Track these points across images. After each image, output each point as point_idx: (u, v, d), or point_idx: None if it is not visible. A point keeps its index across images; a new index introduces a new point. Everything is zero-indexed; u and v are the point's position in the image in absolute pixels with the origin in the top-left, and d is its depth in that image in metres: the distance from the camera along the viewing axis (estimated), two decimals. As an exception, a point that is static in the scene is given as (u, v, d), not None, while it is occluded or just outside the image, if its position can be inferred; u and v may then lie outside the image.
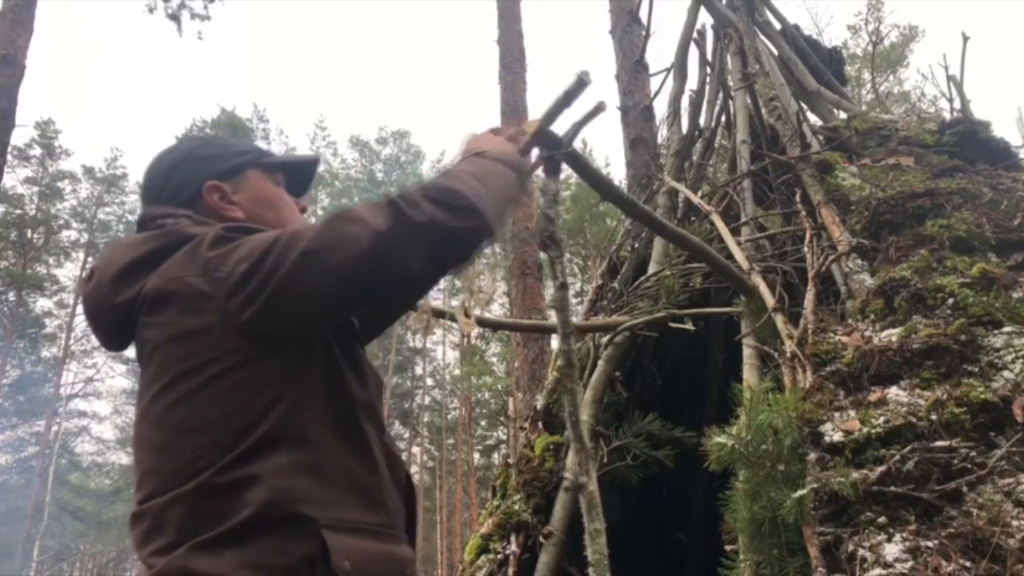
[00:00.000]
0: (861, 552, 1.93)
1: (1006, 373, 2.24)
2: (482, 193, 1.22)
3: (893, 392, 2.31)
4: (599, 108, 1.79)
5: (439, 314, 2.70)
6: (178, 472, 1.11)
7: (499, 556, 3.12)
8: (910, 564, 1.86)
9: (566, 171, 2.04)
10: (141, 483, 1.16)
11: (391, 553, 1.19)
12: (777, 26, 4.95)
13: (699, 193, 4.26)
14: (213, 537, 1.05)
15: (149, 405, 1.18)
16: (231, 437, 1.11)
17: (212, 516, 1.07)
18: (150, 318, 1.19)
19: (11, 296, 28.99)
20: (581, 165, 2.11)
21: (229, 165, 1.42)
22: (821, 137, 3.92)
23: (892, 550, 1.90)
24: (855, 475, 2.06)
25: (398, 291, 1.18)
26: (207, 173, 1.40)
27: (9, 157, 12.14)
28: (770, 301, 2.92)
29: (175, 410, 1.14)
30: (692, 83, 5.10)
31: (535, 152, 1.76)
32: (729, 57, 4.71)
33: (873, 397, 2.31)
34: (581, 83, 1.67)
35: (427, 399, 34.64)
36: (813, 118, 4.49)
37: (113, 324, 1.27)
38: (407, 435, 32.83)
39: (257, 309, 1.11)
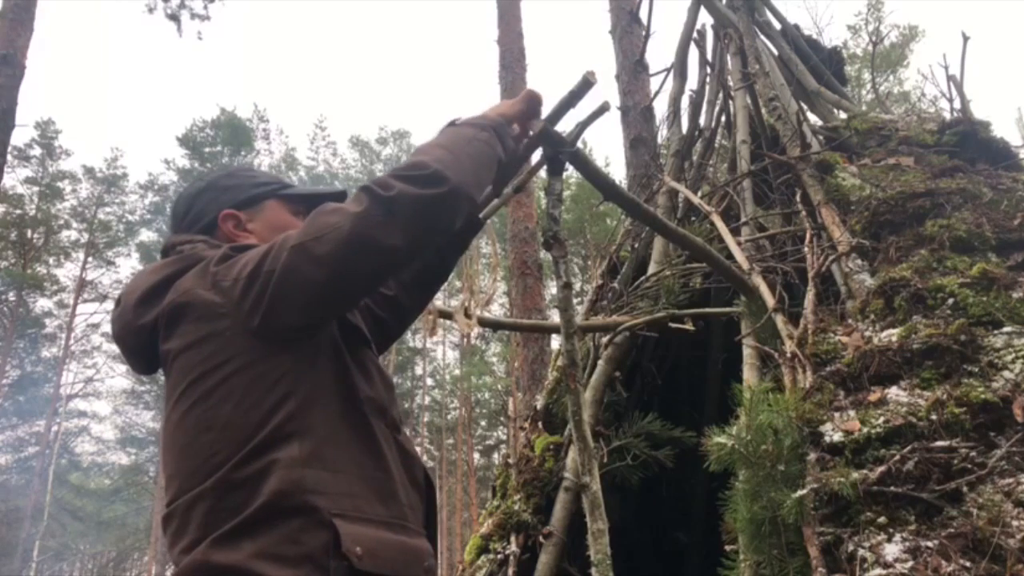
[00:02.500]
0: (861, 552, 1.93)
1: (1006, 373, 2.24)
2: (447, 159, 1.29)
3: (893, 392, 2.31)
4: (603, 108, 1.79)
5: (443, 315, 2.70)
6: (198, 470, 1.16)
7: (499, 556, 3.13)
8: (910, 564, 1.86)
9: (566, 171, 2.03)
10: (168, 486, 1.22)
11: (404, 543, 1.22)
12: (777, 26, 4.95)
13: (699, 193, 4.26)
14: (230, 529, 1.10)
15: (172, 410, 1.24)
16: (245, 432, 1.16)
17: (231, 510, 1.11)
18: (168, 331, 1.26)
19: (11, 296, 28.96)
20: (585, 165, 2.11)
21: (247, 195, 1.50)
22: (821, 137, 3.92)
23: (892, 550, 1.91)
24: (855, 475, 2.06)
25: (387, 265, 1.24)
26: (225, 202, 1.48)
27: (9, 157, 12.14)
28: (770, 301, 2.93)
29: (193, 411, 1.20)
30: (692, 83, 5.10)
31: (538, 152, 1.76)
32: (729, 57, 4.71)
33: (873, 397, 2.31)
34: (587, 83, 1.67)
35: (427, 399, 34.64)
36: (813, 118, 4.49)
37: (138, 346, 1.34)
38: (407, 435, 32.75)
39: (264, 312, 1.18)
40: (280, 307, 1.18)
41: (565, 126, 1.76)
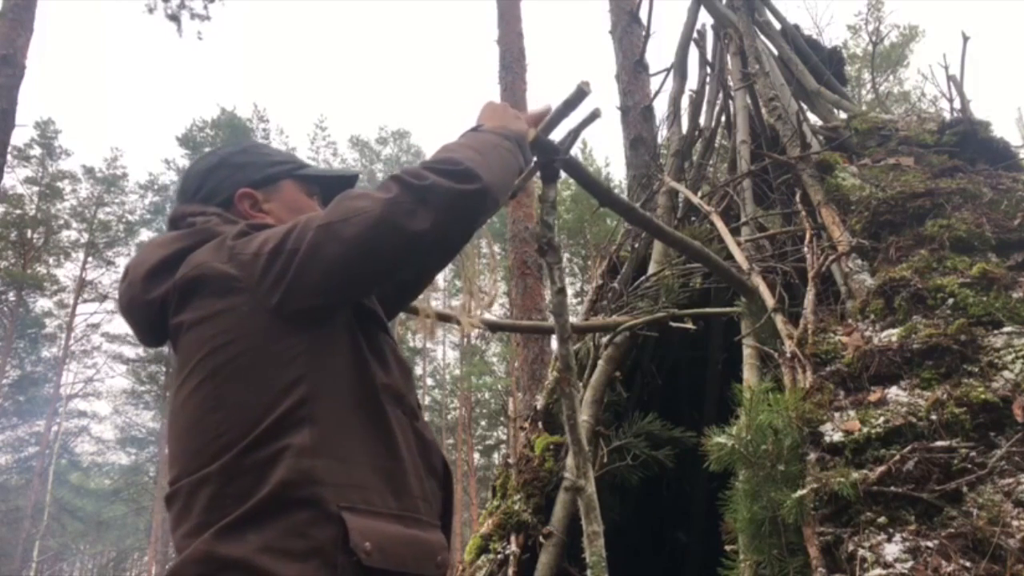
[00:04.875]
0: (861, 552, 1.93)
1: (1006, 373, 2.24)
2: (478, 160, 1.27)
3: (893, 392, 2.32)
4: (595, 115, 1.80)
5: (443, 317, 2.70)
6: (203, 450, 1.13)
7: (499, 556, 3.12)
8: (910, 564, 1.86)
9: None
10: (171, 464, 1.19)
11: (416, 537, 1.19)
12: (777, 26, 4.95)
13: (699, 193, 4.27)
14: (235, 519, 1.07)
15: (180, 387, 1.20)
16: (255, 413, 1.13)
17: (237, 496, 1.08)
18: (180, 305, 1.23)
19: (11, 296, 28.97)
20: (579, 172, 2.10)
21: (264, 174, 1.46)
22: (821, 137, 3.92)
23: (892, 550, 1.91)
24: (855, 475, 2.06)
25: (412, 255, 1.21)
26: (241, 180, 1.43)
27: (9, 157, 12.15)
28: (770, 301, 2.92)
29: (202, 388, 1.16)
30: (692, 83, 5.10)
31: (533, 159, 1.77)
32: (729, 57, 4.71)
33: (873, 397, 2.31)
34: (581, 93, 1.68)
35: (427, 399, 34.64)
36: (813, 118, 4.49)
37: (146, 319, 1.31)
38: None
39: (286, 289, 1.16)
40: (301, 285, 1.15)
41: (559, 134, 1.77)
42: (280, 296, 1.16)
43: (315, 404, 1.15)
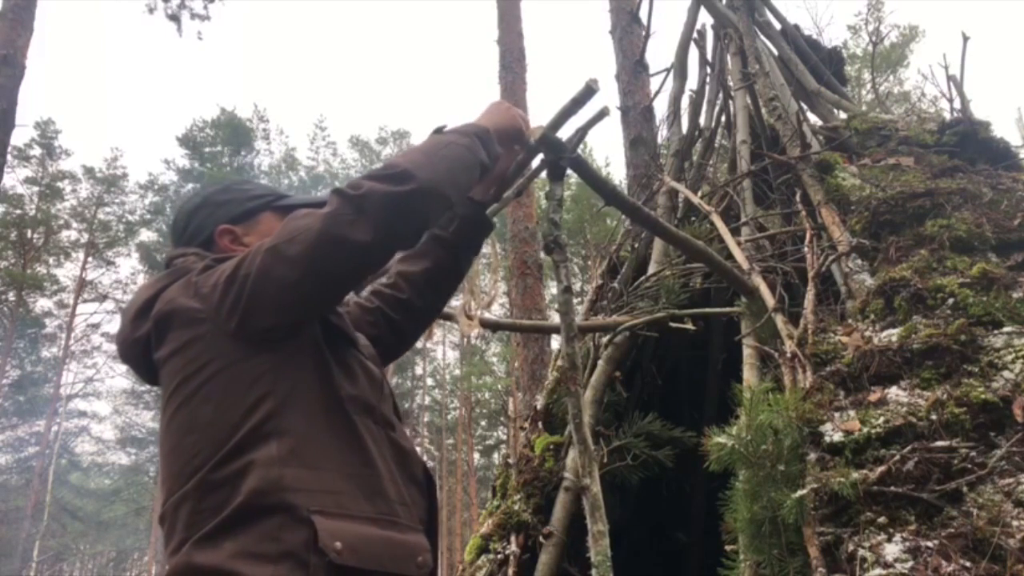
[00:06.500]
0: (861, 552, 1.93)
1: (1006, 373, 2.23)
2: (419, 160, 1.33)
3: (893, 392, 2.32)
4: (603, 113, 1.79)
5: (443, 317, 2.70)
6: (183, 471, 1.19)
7: (499, 556, 3.13)
8: (910, 564, 1.86)
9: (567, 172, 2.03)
10: (161, 487, 1.26)
11: (392, 539, 1.23)
12: (777, 26, 4.95)
13: (699, 193, 4.26)
14: (210, 530, 1.12)
15: (163, 414, 1.29)
16: (224, 432, 1.19)
17: (212, 510, 1.14)
18: (158, 340, 1.31)
19: (11, 296, 28.96)
20: (586, 171, 2.10)
21: (242, 209, 1.52)
22: (821, 137, 3.92)
23: (892, 550, 1.91)
24: (855, 475, 2.06)
25: (360, 263, 1.27)
26: (221, 217, 1.51)
27: (9, 157, 12.14)
28: (770, 301, 2.92)
29: (179, 414, 1.23)
30: (692, 83, 5.10)
31: (539, 157, 1.77)
32: (729, 57, 4.71)
33: (873, 397, 2.31)
34: (589, 90, 1.67)
35: (427, 399, 34.64)
36: (813, 118, 4.49)
37: (136, 358, 1.38)
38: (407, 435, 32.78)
39: (242, 313, 1.22)
40: (256, 308, 1.21)
41: (565, 132, 1.76)
42: (237, 320, 1.22)
43: (281, 418, 1.21)
